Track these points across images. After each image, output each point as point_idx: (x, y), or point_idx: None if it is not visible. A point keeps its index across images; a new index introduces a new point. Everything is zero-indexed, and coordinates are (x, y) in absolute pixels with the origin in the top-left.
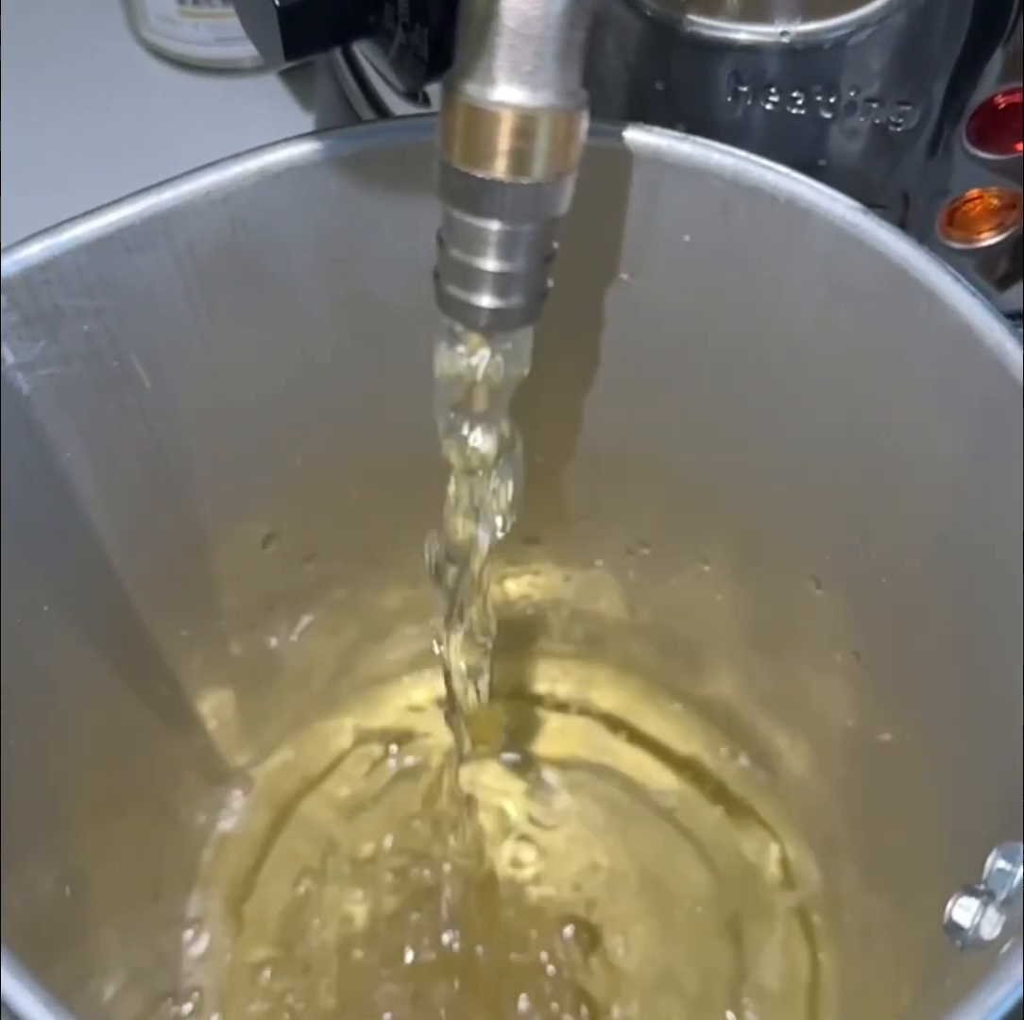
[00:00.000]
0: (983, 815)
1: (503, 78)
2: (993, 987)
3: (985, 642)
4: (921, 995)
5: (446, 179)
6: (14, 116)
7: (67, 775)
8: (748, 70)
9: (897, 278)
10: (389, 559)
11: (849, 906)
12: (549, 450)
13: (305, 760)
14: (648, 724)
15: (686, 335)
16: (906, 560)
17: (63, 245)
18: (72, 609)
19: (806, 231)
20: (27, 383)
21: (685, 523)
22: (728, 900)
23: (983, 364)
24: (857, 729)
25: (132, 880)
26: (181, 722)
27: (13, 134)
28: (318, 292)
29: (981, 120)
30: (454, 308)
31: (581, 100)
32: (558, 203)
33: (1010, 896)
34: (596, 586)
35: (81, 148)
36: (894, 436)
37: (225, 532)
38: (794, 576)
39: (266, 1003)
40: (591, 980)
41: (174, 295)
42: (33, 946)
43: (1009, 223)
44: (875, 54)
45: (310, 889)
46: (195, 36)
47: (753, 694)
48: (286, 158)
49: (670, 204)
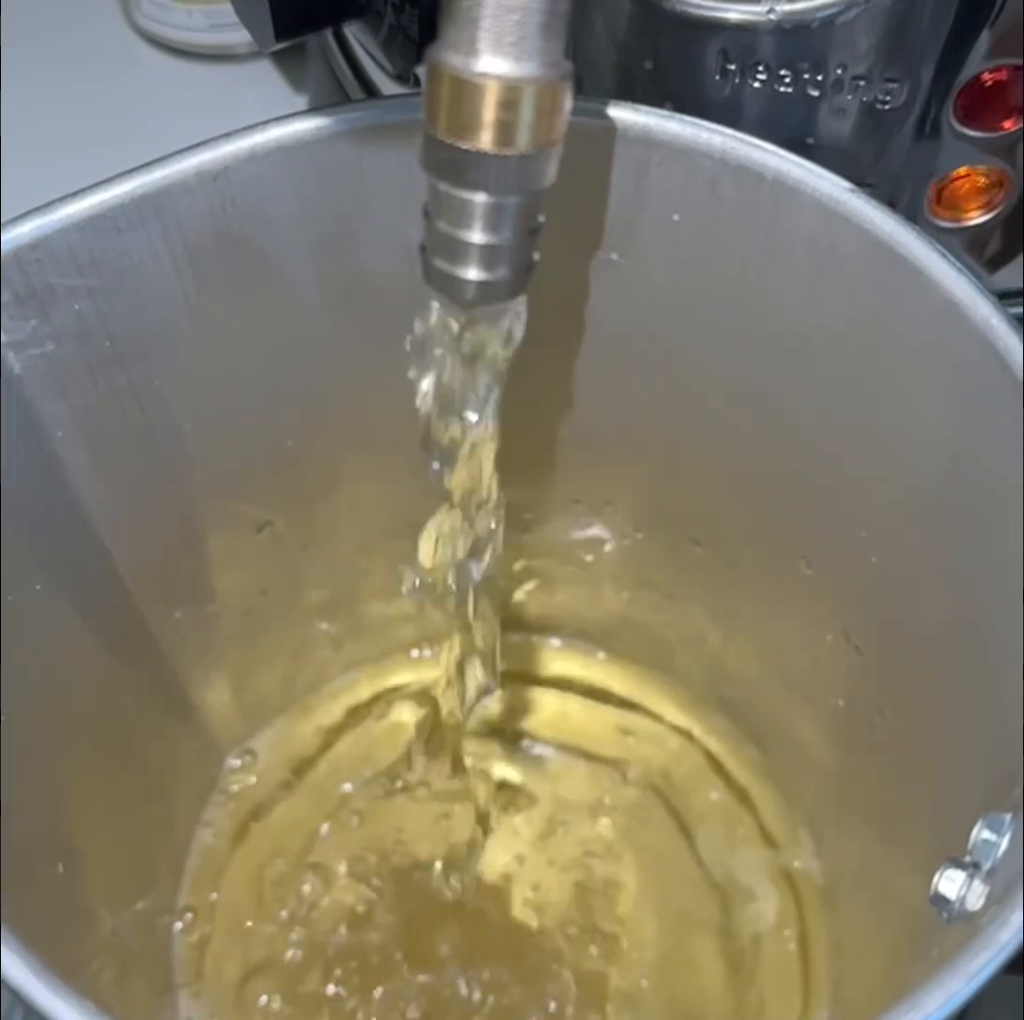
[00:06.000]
0: (970, 788)
1: (487, 49)
2: (975, 952)
3: (975, 620)
4: (908, 967)
5: (431, 151)
6: (10, 102)
7: (62, 754)
8: (736, 48)
9: (884, 255)
10: (384, 545)
11: (838, 880)
12: (539, 433)
13: (299, 740)
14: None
15: (675, 314)
16: (896, 538)
17: (54, 224)
18: (65, 588)
19: (793, 209)
20: (19, 362)
21: (677, 505)
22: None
23: (970, 339)
24: (847, 708)
25: (126, 861)
26: (175, 703)
27: (9, 120)
28: (309, 271)
29: (968, 98)
30: (441, 281)
31: (565, 71)
32: (543, 175)
33: (995, 867)
34: (589, 570)
35: (75, 135)
36: (882, 412)
37: (218, 515)
38: (784, 556)
39: (262, 987)
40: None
41: (165, 274)
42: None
43: (997, 202)
44: (862, 32)
45: (306, 868)
46: (188, 22)
47: (744, 673)
48: (276, 137)
49: (658, 183)
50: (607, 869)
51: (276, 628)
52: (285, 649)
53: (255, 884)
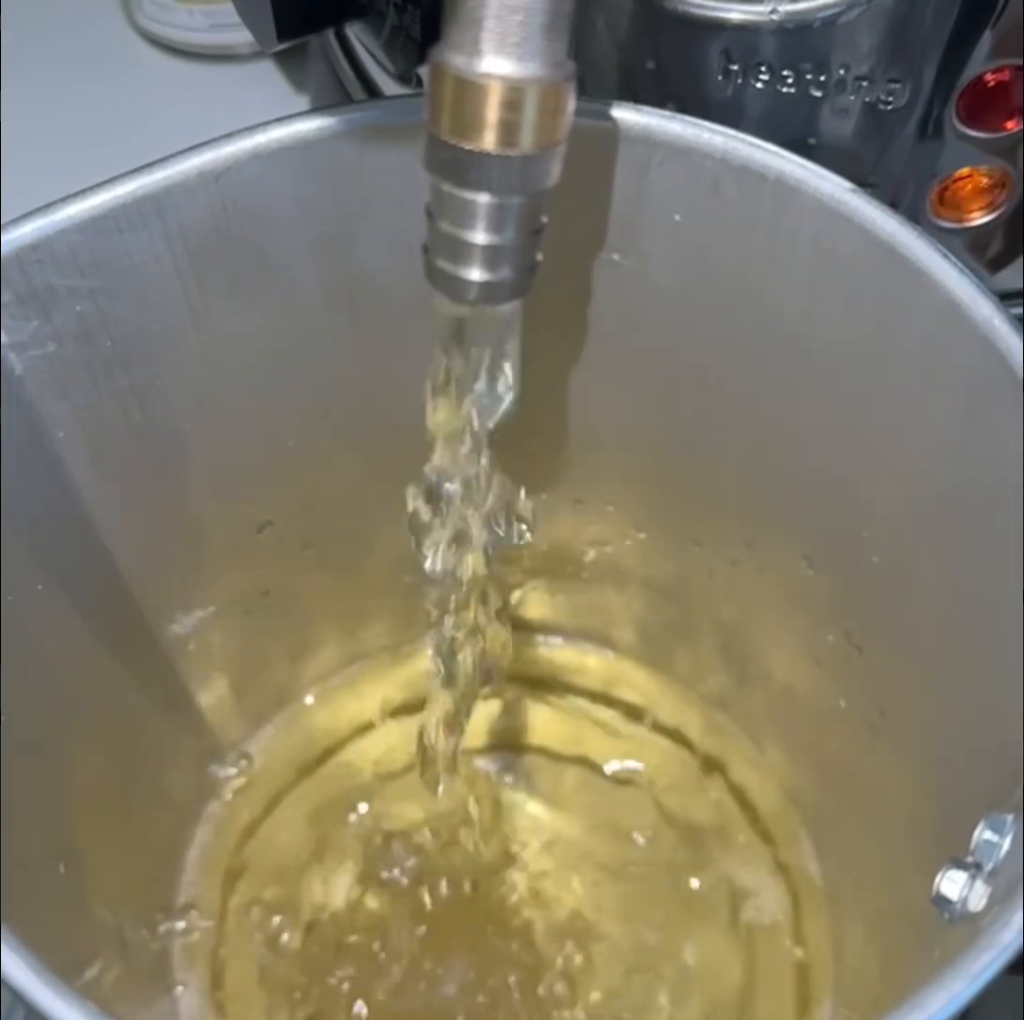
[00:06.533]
0: (971, 788)
1: (490, 49)
2: (977, 953)
3: (976, 619)
4: (910, 968)
5: (434, 152)
6: (11, 102)
7: (62, 754)
8: (738, 49)
9: (886, 255)
10: (386, 545)
11: (839, 881)
12: (541, 433)
13: (299, 741)
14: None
15: (677, 314)
16: (897, 538)
17: (55, 225)
18: (65, 588)
19: (795, 209)
20: (20, 363)
21: (678, 505)
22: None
23: (972, 340)
24: (848, 708)
25: (126, 861)
26: (175, 704)
27: (10, 120)
28: (310, 271)
29: (971, 98)
30: (443, 282)
31: (568, 72)
32: (546, 175)
33: (997, 867)
34: (590, 570)
35: (76, 135)
36: (883, 412)
37: (219, 516)
38: (786, 556)
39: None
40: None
41: (166, 275)
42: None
43: (999, 202)
44: (865, 32)
45: (304, 867)
46: (189, 22)
47: (744, 675)
48: (277, 138)
49: (660, 183)
50: (607, 868)
51: (276, 628)
52: (285, 650)
53: (255, 884)
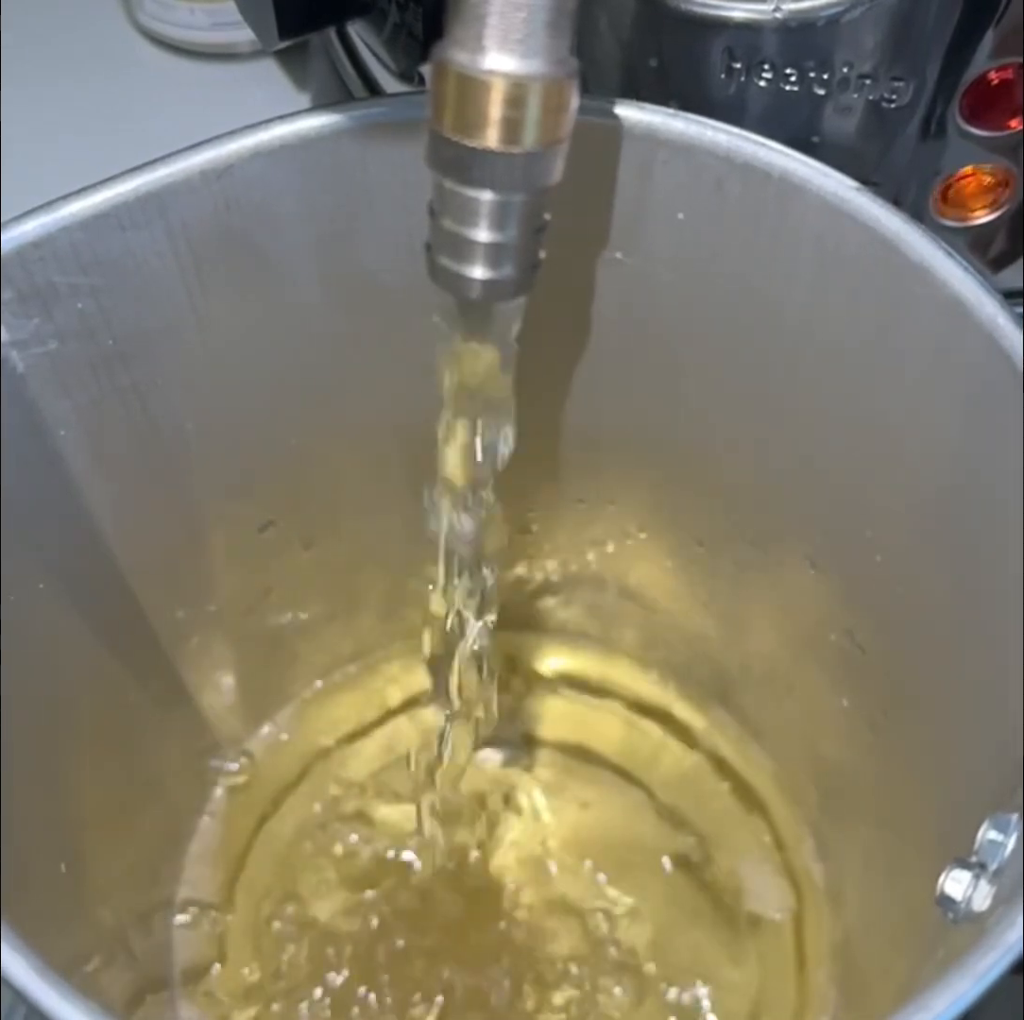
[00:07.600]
0: (975, 788)
1: (494, 46)
2: (983, 953)
3: (979, 619)
4: (914, 968)
5: (437, 149)
6: (12, 101)
7: (62, 754)
8: (741, 47)
9: (889, 253)
10: (388, 545)
11: (842, 880)
12: (543, 433)
13: (300, 741)
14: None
15: (680, 313)
16: (900, 538)
17: (57, 222)
18: (67, 587)
19: (799, 207)
20: (22, 361)
21: (681, 504)
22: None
23: (976, 338)
24: (851, 707)
25: (127, 861)
26: (175, 703)
27: (11, 119)
28: (312, 269)
29: (974, 96)
30: (446, 279)
31: (572, 68)
32: (549, 173)
33: (1001, 867)
34: (592, 570)
35: (78, 133)
36: (886, 411)
37: (221, 514)
38: (789, 556)
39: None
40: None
41: (168, 273)
42: (31, 924)
43: (1003, 200)
44: (868, 30)
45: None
46: (191, 21)
47: (748, 673)
48: (279, 136)
49: (663, 181)
50: (607, 869)
51: (277, 627)
52: (286, 649)
53: (255, 884)
